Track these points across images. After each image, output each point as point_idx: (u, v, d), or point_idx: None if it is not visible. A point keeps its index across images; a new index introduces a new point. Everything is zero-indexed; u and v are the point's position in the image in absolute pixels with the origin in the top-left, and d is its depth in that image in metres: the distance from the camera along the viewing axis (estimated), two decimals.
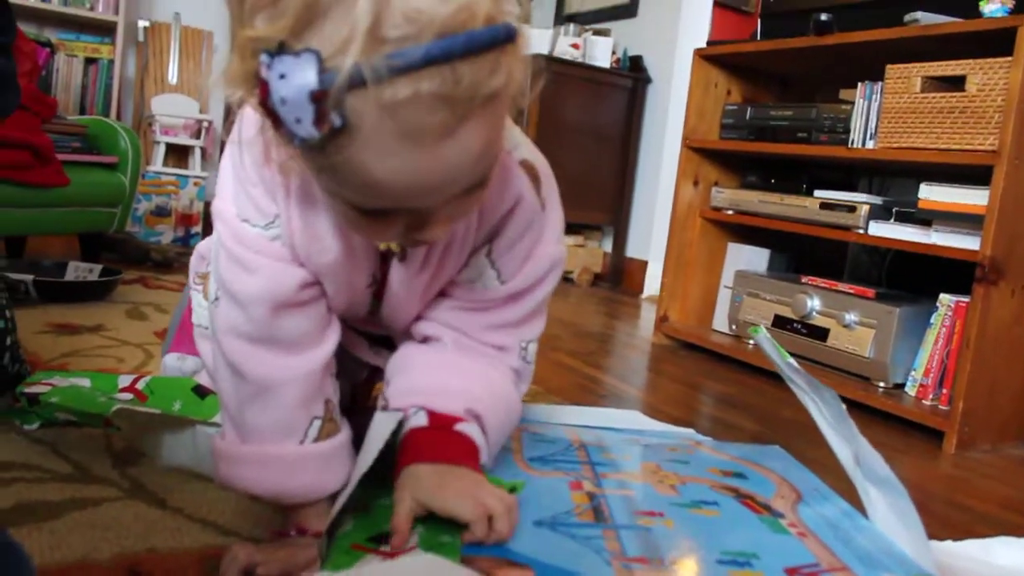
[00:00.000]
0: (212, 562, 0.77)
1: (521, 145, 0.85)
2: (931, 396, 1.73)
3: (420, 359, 0.88)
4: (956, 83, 1.68)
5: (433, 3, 0.53)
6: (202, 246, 1.06)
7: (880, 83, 1.84)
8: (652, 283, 3.36)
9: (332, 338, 0.85)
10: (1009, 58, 1.54)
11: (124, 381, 1.08)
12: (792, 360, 0.93)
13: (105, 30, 3.44)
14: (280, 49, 0.54)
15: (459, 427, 0.81)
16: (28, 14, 3.29)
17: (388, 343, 1.02)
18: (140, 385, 1.06)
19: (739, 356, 2.12)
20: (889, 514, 0.83)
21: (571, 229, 3.61)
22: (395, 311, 0.90)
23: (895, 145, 1.77)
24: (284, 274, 0.80)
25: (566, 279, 3.60)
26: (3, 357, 1.08)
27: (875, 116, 1.85)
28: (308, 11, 0.54)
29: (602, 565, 0.67)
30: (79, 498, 0.89)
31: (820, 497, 0.91)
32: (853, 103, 1.92)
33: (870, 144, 1.86)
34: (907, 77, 1.76)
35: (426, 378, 0.85)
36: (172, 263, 2.61)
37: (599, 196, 3.58)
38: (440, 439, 0.80)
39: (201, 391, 1.01)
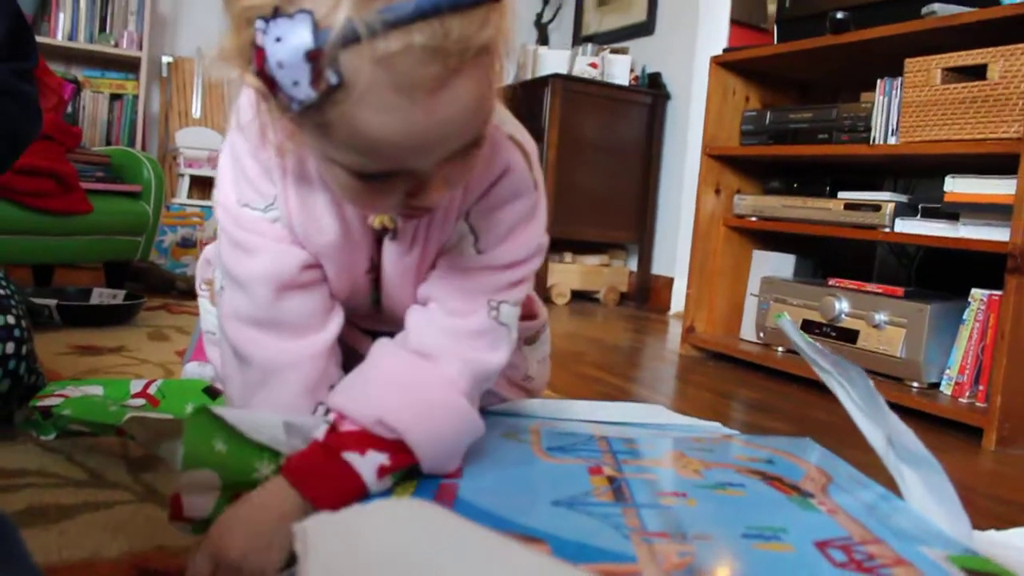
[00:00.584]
0: None
1: (508, 122, 0.83)
2: (967, 394, 1.68)
3: (374, 355, 0.84)
4: (977, 72, 1.64)
5: None
6: (208, 250, 1.06)
7: (900, 78, 1.81)
8: (679, 300, 3.32)
9: (335, 322, 0.85)
10: None
11: (136, 386, 1.07)
12: (816, 343, 0.90)
13: (129, 66, 3.50)
14: (275, 13, 0.55)
15: (347, 455, 0.74)
16: (55, 53, 3.36)
17: None
18: (152, 390, 1.05)
19: (768, 363, 2.08)
20: (925, 494, 0.79)
21: (595, 248, 3.60)
22: (394, 299, 0.89)
23: (918, 139, 1.74)
24: (285, 255, 0.81)
25: (592, 299, 3.57)
26: (19, 367, 1.07)
27: (896, 112, 1.82)
28: None
29: (621, 540, 0.64)
30: (91, 502, 0.88)
31: (853, 482, 0.87)
32: (873, 101, 1.90)
33: (892, 140, 1.83)
34: (927, 70, 1.73)
35: (357, 376, 0.81)
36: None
37: (622, 214, 3.56)
38: (323, 464, 0.74)
39: (212, 392, 1.00)
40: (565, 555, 0.61)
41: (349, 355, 0.92)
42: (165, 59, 3.58)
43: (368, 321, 0.97)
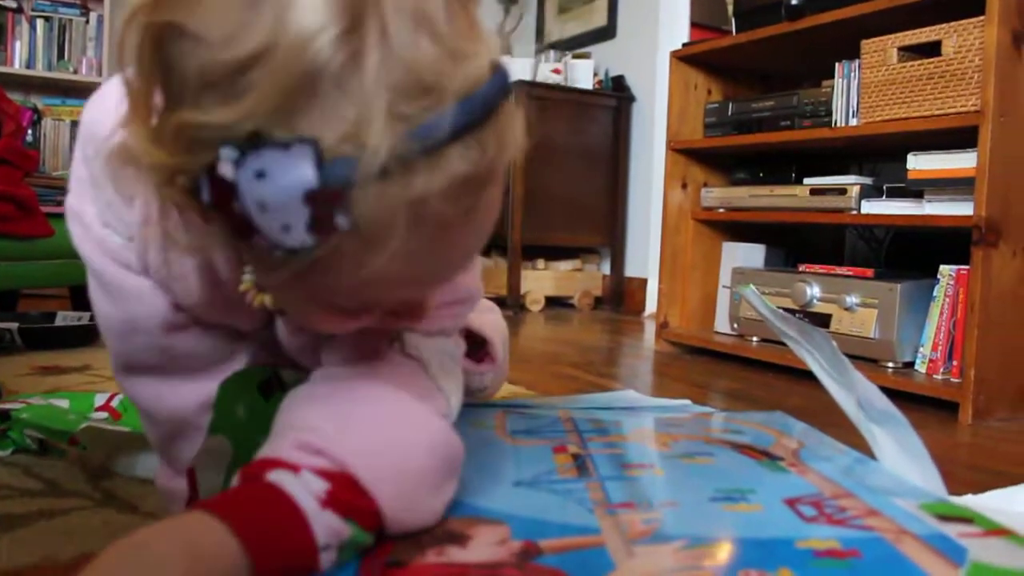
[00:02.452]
0: None
1: None
2: (942, 370, 1.68)
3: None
4: (932, 49, 1.65)
5: (441, 60, 0.43)
6: None
7: (857, 60, 1.82)
8: (653, 301, 3.31)
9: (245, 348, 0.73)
10: (982, 17, 1.51)
11: (100, 400, 1.05)
12: (779, 310, 0.89)
13: (89, 93, 3.45)
14: (254, 142, 0.40)
15: (271, 476, 0.55)
16: (12, 82, 3.32)
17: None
18: (115, 403, 1.03)
19: (744, 353, 2.07)
20: (897, 451, 0.78)
21: (568, 253, 3.59)
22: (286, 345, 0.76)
23: (878, 119, 1.74)
24: (156, 296, 0.66)
25: (566, 304, 3.56)
26: None
27: (856, 93, 1.83)
28: (290, 89, 0.40)
29: (584, 513, 0.63)
30: (47, 510, 0.85)
31: (826, 447, 0.86)
32: (834, 86, 1.90)
33: (853, 122, 1.84)
34: (883, 50, 1.74)
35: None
36: None
37: (593, 218, 3.56)
38: (242, 492, 0.56)
39: None
40: (525, 534, 0.59)
41: None
42: None
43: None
